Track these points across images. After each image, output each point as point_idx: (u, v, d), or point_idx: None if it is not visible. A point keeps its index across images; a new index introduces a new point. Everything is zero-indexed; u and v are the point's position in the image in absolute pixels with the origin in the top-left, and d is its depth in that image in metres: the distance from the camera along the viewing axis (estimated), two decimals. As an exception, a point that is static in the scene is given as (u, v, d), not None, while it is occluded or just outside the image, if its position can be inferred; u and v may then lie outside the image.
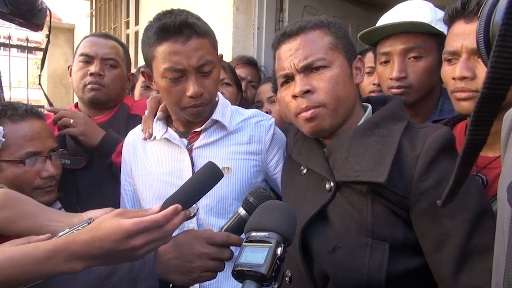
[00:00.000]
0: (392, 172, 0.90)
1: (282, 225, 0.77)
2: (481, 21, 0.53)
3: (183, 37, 1.11)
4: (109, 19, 4.71)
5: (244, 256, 0.73)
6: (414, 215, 0.93)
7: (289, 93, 1.05)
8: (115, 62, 1.68)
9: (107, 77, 1.65)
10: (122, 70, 1.72)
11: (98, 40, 1.69)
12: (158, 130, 1.29)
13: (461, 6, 1.02)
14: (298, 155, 1.14)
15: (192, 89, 1.13)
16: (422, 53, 1.33)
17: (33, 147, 1.24)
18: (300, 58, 1.02)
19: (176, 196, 0.89)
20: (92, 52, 1.65)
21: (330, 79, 1.01)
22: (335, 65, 1.02)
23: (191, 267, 0.92)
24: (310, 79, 1.02)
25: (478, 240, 0.85)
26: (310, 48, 1.02)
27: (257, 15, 2.92)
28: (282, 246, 0.73)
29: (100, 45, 1.67)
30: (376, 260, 0.92)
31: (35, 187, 1.25)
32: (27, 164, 1.23)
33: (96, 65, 1.63)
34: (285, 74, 1.05)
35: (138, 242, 0.78)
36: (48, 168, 1.27)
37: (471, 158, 0.49)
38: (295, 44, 1.03)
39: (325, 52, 1.02)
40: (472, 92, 1.00)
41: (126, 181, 1.39)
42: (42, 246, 0.78)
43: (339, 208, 0.98)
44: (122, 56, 1.73)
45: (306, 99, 1.01)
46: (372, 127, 1.00)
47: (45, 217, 1.00)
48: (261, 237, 0.75)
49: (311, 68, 1.02)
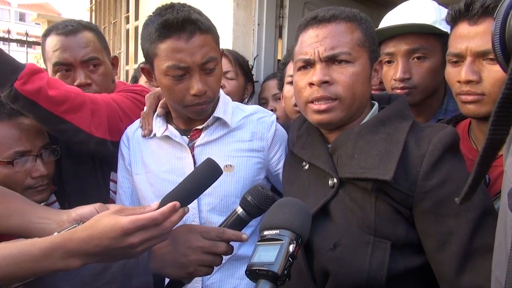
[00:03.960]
0: (397, 170, 0.89)
1: (293, 222, 0.76)
2: (497, 23, 0.53)
3: (187, 34, 1.08)
4: (109, 14, 4.69)
5: (257, 255, 0.73)
6: (417, 213, 0.92)
7: (305, 79, 1.03)
8: (97, 60, 1.46)
9: (95, 82, 1.46)
10: (106, 63, 1.51)
11: (67, 40, 1.41)
12: (158, 127, 1.27)
13: (465, 7, 1.00)
14: (301, 149, 1.13)
15: (196, 87, 1.11)
16: (426, 54, 1.32)
17: (22, 146, 1.18)
18: (327, 47, 0.99)
19: (174, 194, 0.89)
20: (69, 58, 1.41)
21: (352, 75, 0.99)
22: (359, 63, 1.00)
23: (186, 261, 0.92)
24: (331, 71, 1.00)
25: (481, 240, 0.85)
26: (339, 39, 0.99)
27: (258, 11, 2.91)
28: (294, 243, 0.73)
29: (73, 47, 1.41)
30: (377, 258, 0.91)
31: (26, 187, 1.21)
32: (16, 164, 1.18)
33: (78, 73, 1.42)
34: (306, 59, 1.02)
35: (135, 240, 0.78)
36: (38, 167, 1.22)
37: (490, 156, 0.50)
38: (324, 31, 1.00)
39: (352, 47, 1.00)
40: (478, 95, 1.00)
41: (124, 178, 1.34)
42: (39, 244, 0.77)
43: (342, 205, 0.98)
44: (98, 46, 1.48)
45: (323, 89, 0.99)
46: (378, 124, 0.99)
47: (33, 214, 0.97)
48: (273, 235, 0.75)
49: (334, 59, 1.00)
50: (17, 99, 1.12)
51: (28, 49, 4.32)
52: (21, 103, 1.13)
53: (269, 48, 2.97)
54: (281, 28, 3.07)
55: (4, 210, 0.97)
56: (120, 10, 4.52)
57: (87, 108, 1.25)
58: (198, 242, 0.93)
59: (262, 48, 2.92)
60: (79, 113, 1.23)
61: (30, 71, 1.12)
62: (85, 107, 1.25)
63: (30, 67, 1.13)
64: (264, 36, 2.93)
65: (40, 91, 1.13)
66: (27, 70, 1.12)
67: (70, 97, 1.21)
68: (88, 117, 1.25)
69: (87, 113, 1.25)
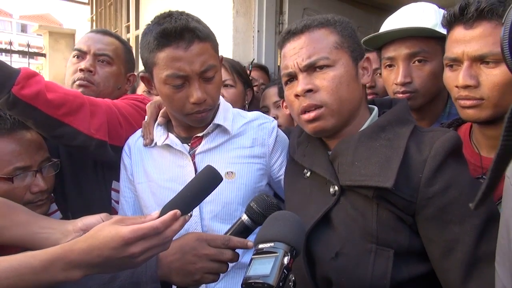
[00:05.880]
0: (398, 177, 0.88)
1: (287, 234, 0.76)
2: (506, 28, 0.52)
3: (185, 43, 1.08)
4: (109, 23, 4.73)
5: (252, 268, 0.73)
6: (420, 220, 0.91)
7: (292, 92, 1.04)
8: (109, 59, 1.56)
9: (98, 74, 1.53)
10: (118, 68, 1.59)
11: (94, 35, 1.59)
12: (159, 136, 1.27)
13: (460, 11, 0.99)
14: (301, 157, 1.12)
15: (196, 95, 1.11)
16: (427, 57, 1.31)
17: (22, 162, 1.17)
18: (304, 57, 1.00)
19: (174, 202, 0.89)
20: (85, 47, 1.54)
21: (334, 79, 0.99)
22: (339, 65, 1.00)
23: (193, 268, 0.93)
24: (313, 78, 1.00)
25: (486, 247, 0.84)
26: (314, 47, 1.00)
27: (257, 18, 2.92)
28: (289, 255, 0.73)
29: (94, 40, 1.56)
30: (380, 266, 0.90)
31: (25, 202, 1.19)
32: (16, 180, 1.16)
33: (87, 60, 1.52)
34: (288, 73, 1.04)
35: (136, 250, 0.77)
36: (38, 182, 1.20)
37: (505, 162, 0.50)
38: (299, 42, 1.02)
39: (329, 51, 1.00)
40: (477, 100, 0.99)
41: (126, 187, 1.34)
42: (40, 255, 0.77)
43: (343, 213, 0.97)
44: (119, 54, 1.60)
45: (308, 98, 1.00)
46: (378, 130, 0.98)
47: (37, 224, 0.97)
48: (267, 248, 0.75)
49: (314, 67, 1.00)
50: (16, 104, 1.09)
51: (30, 60, 4.34)
52: (19, 108, 1.10)
53: (269, 54, 2.99)
54: (280, 35, 3.09)
55: (8, 222, 0.97)
56: (120, 19, 4.56)
57: (86, 109, 1.24)
58: (204, 249, 0.93)
59: (262, 55, 2.93)
60: (78, 115, 1.21)
61: (26, 75, 1.10)
62: (84, 109, 1.23)
63: (25, 71, 1.11)
64: (264, 43, 2.95)
65: (38, 95, 1.12)
66: (23, 74, 1.10)
67: (68, 99, 1.19)
68: (87, 119, 1.24)
69: (86, 115, 1.24)
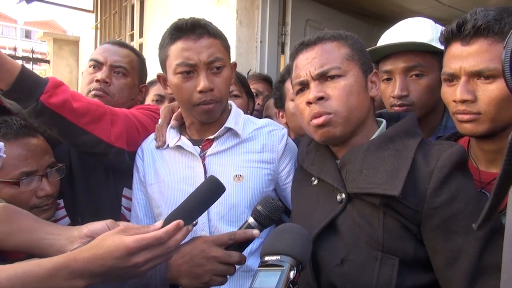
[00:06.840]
0: (405, 186, 0.90)
1: (295, 248, 0.76)
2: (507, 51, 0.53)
3: (195, 35, 1.17)
4: (113, 31, 4.77)
5: (258, 281, 0.73)
6: (426, 230, 0.92)
7: (303, 100, 1.07)
8: (125, 71, 1.60)
9: (113, 85, 1.57)
10: (132, 80, 1.64)
11: (111, 47, 1.63)
12: (172, 138, 1.30)
13: (457, 28, 1.02)
14: (310, 165, 1.14)
15: (202, 83, 1.16)
16: (424, 71, 1.34)
17: (28, 166, 1.18)
18: (316, 66, 1.04)
19: (178, 212, 0.90)
20: (102, 58, 1.58)
21: (344, 88, 1.02)
22: (350, 75, 1.04)
23: (202, 271, 0.95)
24: (325, 87, 1.04)
25: (490, 258, 0.85)
26: (327, 57, 1.04)
27: (260, 29, 2.96)
28: (295, 270, 0.73)
29: (111, 52, 1.60)
30: (385, 274, 0.91)
31: (31, 206, 1.20)
32: (22, 185, 1.17)
33: (104, 71, 1.56)
34: (300, 81, 1.07)
35: (140, 259, 0.78)
36: (44, 187, 1.21)
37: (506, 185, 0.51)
38: (312, 53, 1.06)
39: (340, 61, 1.04)
40: (474, 115, 1.00)
41: (138, 190, 1.36)
42: (44, 264, 0.77)
43: (350, 220, 0.98)
44: (134, 66, 1.65)
45: (319, 105, 1.03)
46: (387, 141, 1.00)
47: (42, 230, 0.98)
48: (274, 261, 0.75)
49: (326, 76, 1.04)
50: (43, 112, 1.13)
51: (34, 66, 4.37)
52: (46, 116, 1.14)
53: (272, 65, 3.02)
54: (283, 45, 3.12)
55: (14, 227, 0.98)
56: (125, 27, 4.60)
57: (107, 118, 1.29)
58: (213, 252, 0.96)
59: (265, 65, 2.96)
60: (100, 124, 1.26)
61: (54, 84, 1.15)
62: (105, 118, 1.28)
63: (53, 81, 1.16)
64: (266, 53, 2.98)
65: (65, 103, 1.16)
66: (51, 84, 1.14)
67: (91, 108, 1.24)
68: (108, 127, 1.29)
69: (107, 123, 1.28)
